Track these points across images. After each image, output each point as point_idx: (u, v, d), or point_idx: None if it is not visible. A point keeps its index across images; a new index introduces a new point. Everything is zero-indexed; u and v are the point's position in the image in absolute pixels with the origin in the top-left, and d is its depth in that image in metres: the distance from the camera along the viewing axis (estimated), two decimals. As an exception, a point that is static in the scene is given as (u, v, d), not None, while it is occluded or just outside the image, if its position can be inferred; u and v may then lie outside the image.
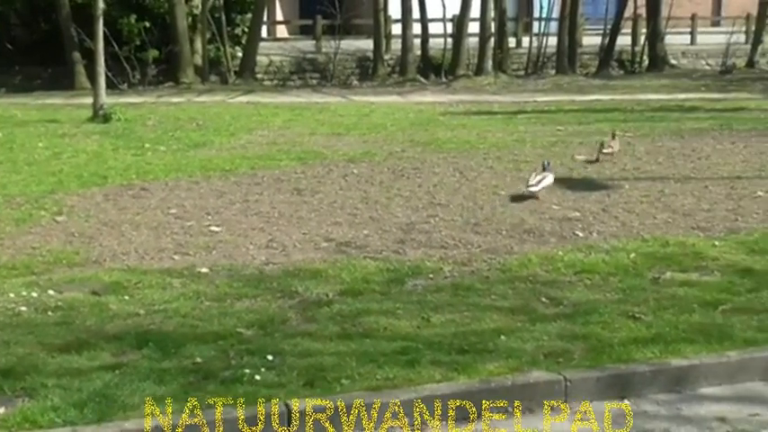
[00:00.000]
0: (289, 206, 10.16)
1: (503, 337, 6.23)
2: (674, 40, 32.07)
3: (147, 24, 24.98)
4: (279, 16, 33.94)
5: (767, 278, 7.54)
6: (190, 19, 25.69)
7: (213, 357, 5.87)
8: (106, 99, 18.00)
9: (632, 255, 8.16)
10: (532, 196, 10.42)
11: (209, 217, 9.68)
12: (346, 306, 6.83)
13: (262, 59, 27.22)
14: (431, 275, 7.62)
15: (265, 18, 29.24)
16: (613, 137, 13.44)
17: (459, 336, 6.24)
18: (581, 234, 8.94)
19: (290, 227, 9.26)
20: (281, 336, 6.25)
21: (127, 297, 7.05)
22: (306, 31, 31.41)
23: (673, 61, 31.25)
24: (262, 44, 27.60)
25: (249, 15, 27.12)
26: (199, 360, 5.82)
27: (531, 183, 10.58)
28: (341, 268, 7.75)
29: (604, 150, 12.87)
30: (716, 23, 37.61)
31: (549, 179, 10.75)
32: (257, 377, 5.55)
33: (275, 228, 9.22)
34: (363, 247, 8.49)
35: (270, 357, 5.83)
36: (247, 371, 5.62)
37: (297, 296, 7.09)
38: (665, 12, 30.84)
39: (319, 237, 8.87)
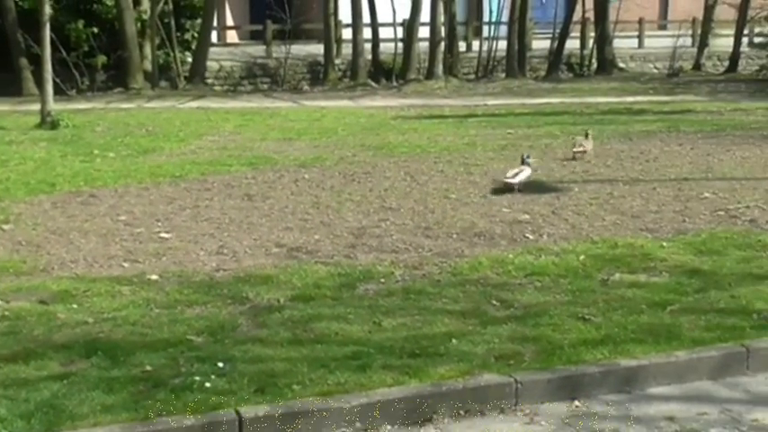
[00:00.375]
0: (239, 212, 10.12)
1: (454, 340, 6.24)
2: (622, 43, 32.43)
3: (96, 30, 24.81)
4: (229, 21, 33.82)
5: (714, 278, 7.63)
6: (139, 24, 25.51)
7: (163, 365, 5.83)
8: (54, 105, 17.82)
9: (582, 257, 8.22)
10: (509, 188, 10.96)
11: (159, 223, 9.62)
12: (297, 311, 6.81)
13: (212, 65, 27.12)
14: (382, 280, 7.62)
15: (215, 23, 29.13)
16: (586, 136, 13.70)
17: (410, 340, 6.25)
18: (531, 237, 8.99)
19: (240, 232, 9.22)
20: (231, 342, 6.22)
21: (75, 306, 6.97)
22: (256, 36, 31.34)
23: (621, 64, 31.59)
24: (212, 49, 27.48)
25: (199, 20, 26.98)
26: (148, 368, 5.78)
27: (508, 176, 11.18)
28: (292, 273, 7.73)
29: (575, 149, 13.22)
30: (663, 27, 38.03)
31: (527, 172, 11.29)
32: (208, 384, 5.51)
33: (226, 234, 9.18)
34: (314, 252, 8.48)
35: (220, 364, 5.80)
36: (198, 378, 5.58)
37: (248, 302, 7.06)
38: (612, 16, 31.17)
39: (270, 242, 8.84)
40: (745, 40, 31.71)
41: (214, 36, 29.46)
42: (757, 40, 30.84)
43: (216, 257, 8.31)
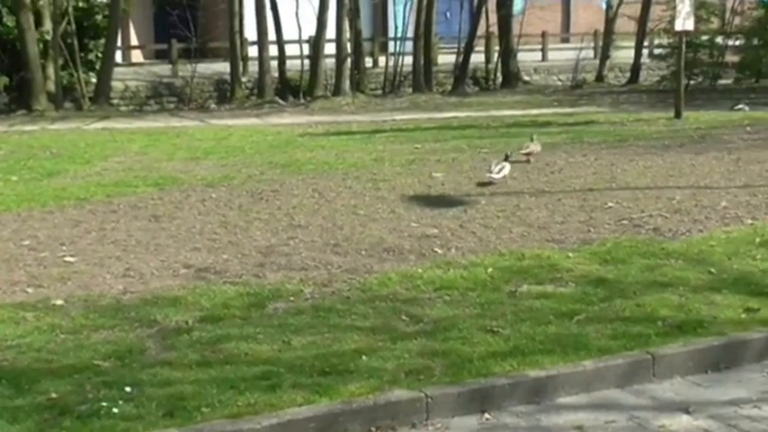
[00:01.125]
0: (146, 233, 10.00)
1: (364, 357, 6.24)
2: (527, 56, 32.91)
3: (-4, 51, 24.34)
4: (133, 41, 33.44)
5: (619, 287, 7.76)
6: (41, 45, 25.04)
7: (69, 392, 5.71)
8: (-47, 129, 17.42)
9: (490, 269, 8.29)
10: (492, 182, 12.19)
11: (64, 247, 9.44)
12: (206, 333, 6.75)
13: (117, 85, 26.79)
14: (291, 298, 7.59)
15: (119, 43, 28.76)
16: (532, 140, 14.69)
17: (320, 358, 6.23)
18: (440, 251, 9.04)
19: (147, 254, 9.11)
20: (139, 366, 6.13)
21: (-23, 334, 6.81)
22: (161, 56, 31.05)
23: (526, 77, 32.06)
24: (117, 69, 27.15)
25: (102, 40, 26.63)
26: (54, 395, 5.66)
27: (493, 170, 12.34)
28: (200, 294, 7.66)
29: (522, 151, 14.03)
30: (565, 40, 38.68)
31: (507, 168, 12.50)
32: (115, 410, 5.42)
33: (132, 256, 9.05)
34: (223, 272, 8.41)
35: (128, 389, 5.71)
36: (105, 404, 5.48)
37: (155, 325, 6.97)
38: (516, 29, 31.60)
39: (178, 263, 8.74)
40: (645, 51, 32.42)
41: (118, 56, 29.09)
42: (657, 51, 31.52)
43: (122, 280, 8.19)
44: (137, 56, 32.80)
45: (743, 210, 10.63)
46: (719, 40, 29.38)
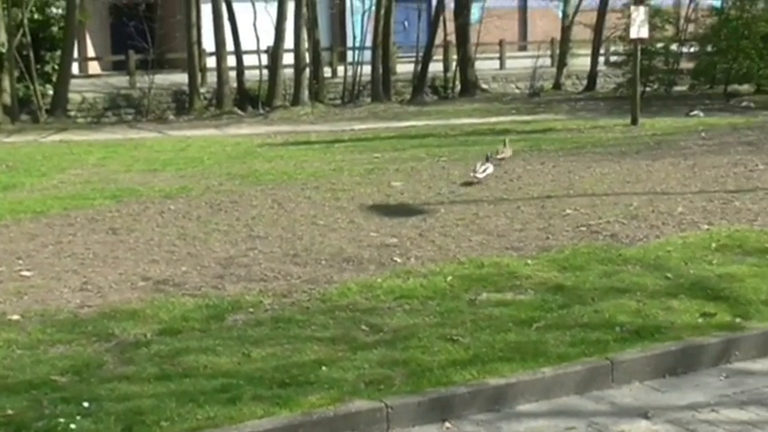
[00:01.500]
0: (104, 246, 9.92)
1: (324, 367, 6.22)
2: (485, 65, 33.10)
3: (-50, 64, 24.10)
4: (90, 52, 33.27)
5: (578, 294, 7.80)
6: (-5, 57, 24.88)
7: (26, 408, 5.65)
8: None
9: (449, 278, 8.30)
10: (477, 181, 12.88)
11: (20, 261, 9.34)
12: (165, 346, 6.70)
13: (74, 97, 26.63)
14: (251, 309, 7.55)
15: (76, 55, 28.63)
16: (504, 145, 15.08)
17: (280, 369, 6.20)
18: (399, 260, 9.04)
19: (105, 267, 9.03)
20: (97, 381, 6.07)
21: (-69, 351, 6.72)
22: (119, 67, 30.93)
23: (484, 86, 32.22)
24: (74, 81, 27.01)
25: (59, 52, 26.46)
26: (10, 412, 5.59)
27: (477, 171, 13.02)
28: (159, 307, 7.60)
29: (498, 156, 14.31)
30: (523, 48, 38.96)
31: (491, 168, 13.25)
32: (73, 426, 5.36)
33: (90, 269, 8.97)
34: (181, 284, 8.35)
35: (86, 404, 5.65)
36: (62, 420, 5.42)
37: (113, 338, 6.91)
38: (473, 38, 31.77)
39: (136, 276, 8.68)
40: (601, 59, 32.69)
41: (75, 68, 28.96)
42: (613, 58, 31.79)
43: (80, 294, 8.12)
44: (94, 67, 32.64)
45: (699, 215, 10.73)
46: (674, 47, 29.68)
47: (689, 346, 6.67)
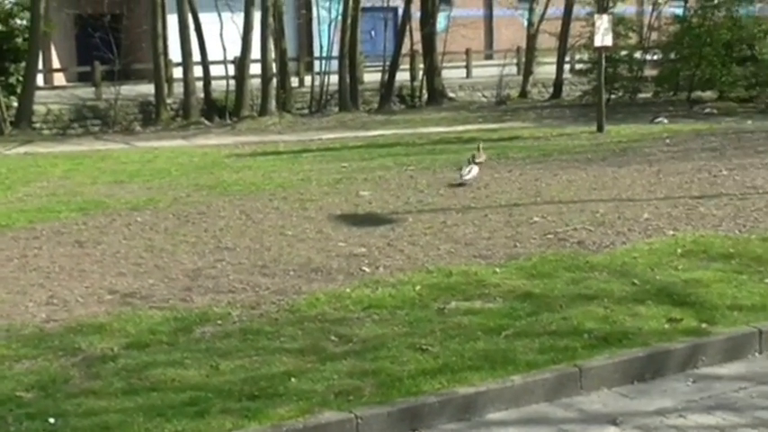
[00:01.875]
0: (70, 259, 9.85)
1: (293, 379, 6.20)
2: (451, 74, 33.17)
3: None
4: (55, 64, 33.05)
5: (546, 301, 7.82)
6: (-41, 70, 24.68)
7: (-9, 425, 5.61)
8: None
9: (418, 287, 8.30)
10: (464, 183, 13.53)
11: (-15, 276, 9.27)
12: (132, 360, 6.66)
13: (39, 108, 26.41)
14: (219, 321, 7.52)
15: (41, 66, 28.40)
16: (479, 149, 15.19)
17: (249, 381, 6.18)
18: (368, 270, 9.04)
19: (71, 281, 8.97)
20: (63, 396, 6.02)
21: None
22: (84, 78, 30.72)
23: (451, 94, 32.29)
24: (39, 93, 26.81)
25: (23, 64, 26.26)
26: (-25, 429, 5.55)
27: (464, 173, 13.70)
28: (126, 320, 7.55)
29: (476, 160, 14.45)
30: (489, 57, 39.14)
31: (476, 170, 13.91)
32: (39, 442, 5.34)
33: (56, 283, 8.90)
34: (149, 297, 8.31)
35: (52, 420, 5.60)
36: (28, 436, 5.39)
37: (80, 353, 6.85)
38: (440, 47, 31.88)
39: (103, 289, 8.62)
40: (567, 67, 32.87)
41: (40, 79, 28.72)
42: (578, 66, 32.01)
43: (46, 308, 8.05)
44: (59, 79, 32.43)
45: (664, 221, 10.81)
46: (638, 54, 29.92)
47: (656, 351, 6.72)
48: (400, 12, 32.38)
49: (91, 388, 6.15)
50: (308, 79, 31.37)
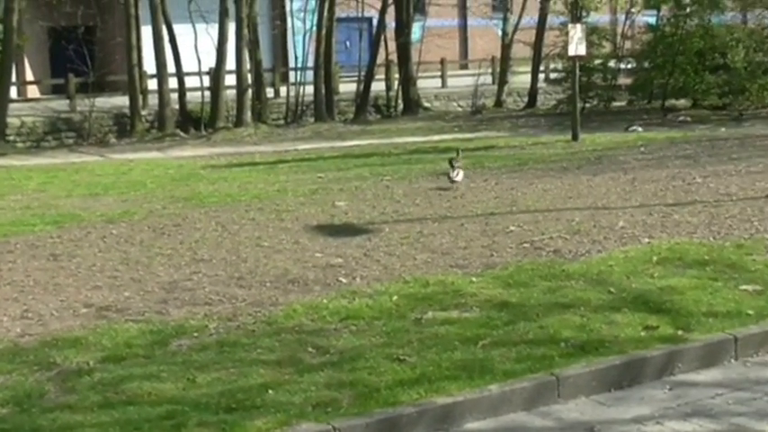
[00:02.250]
0: (44, 273, 9.79)
1: (270, 391, 6.18)
2: (426, 83, 33.24)
3: None
4: (29, 76, 32.89)
5: (523, 310, 7.83)
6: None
7: (-34, 441, 5.56)
8: None
9: (395, 297, 8.29)
10: (453, 185, 14.28)
11: (-41, 290, 9.20)
12: (108, 373, 6.61)
13: (13, 121, 26.25)
14: (195, 334, 7.49)
15: (14, 78, 28.26)
16: (458, 153, 15.54)
17: (226, 394, 6.15)
18: (344, 280, 9.03)
19: (46, 295, 8.91)
20: (38, 411, 5.97)
21: None
22: (58, 90, 30.56)
23: (426, 104, 32.33)
24: (12, 105, 26.65)
25: (-4, 76, 26.12)
26: (-51, 445, 5.50)
27: (453, 176, 14.41)
28: (101, 334, 7.51)
29: (455, 164, 14.75)
30: (464, 66, 39.21)
31: (462, 172, 14.61)
32: (14, 457, 5.29)
33: (30, 297, 8.84)
34: (125, 310, 8.26)
35: (27, 435, 5.58)
36: (3, 452, 5.35)
37: (55, 367, 6.80)
38: (415, 57, 31.90)
39: (78, 303, 8.56)
40: (541, 76, 32.99)
41: (13, 91, 28.58)
42: (553, 75, 32.11)
43: (20, 322, 7.99)
44: (33, 91, 32.27)
45: (639, 229, 10.85)
46: (612, 63, 30.05)
47: (633, 359, 6.73)
48: (375, 22, 32.41)
49: (66, 402, 6.11)
50: (283, 90, 31.35)
